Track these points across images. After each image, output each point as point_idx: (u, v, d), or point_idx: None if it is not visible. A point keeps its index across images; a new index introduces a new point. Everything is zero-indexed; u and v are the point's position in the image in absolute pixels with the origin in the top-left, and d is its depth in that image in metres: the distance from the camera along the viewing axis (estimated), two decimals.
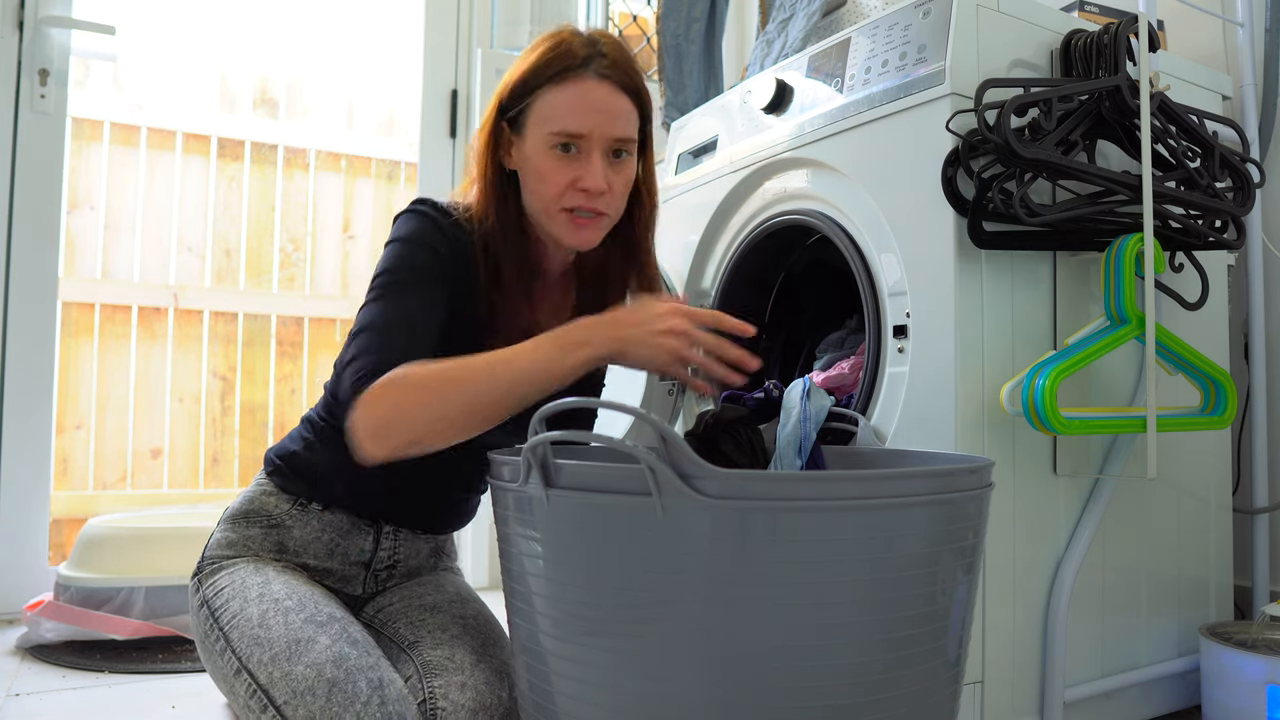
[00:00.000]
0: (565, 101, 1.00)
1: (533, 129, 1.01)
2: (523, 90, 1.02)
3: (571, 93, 1.00)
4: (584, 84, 1.00)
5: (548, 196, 1.02)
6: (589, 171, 1.00)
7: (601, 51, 1.02)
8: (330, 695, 0.86)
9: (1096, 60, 1.17)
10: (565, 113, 0.99)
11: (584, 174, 1.00)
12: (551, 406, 0.74)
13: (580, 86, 1.00)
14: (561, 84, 1.00)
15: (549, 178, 1.01)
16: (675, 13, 2.34)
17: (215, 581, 1.02)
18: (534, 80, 1.01)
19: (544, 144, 1.00)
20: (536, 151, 1.01)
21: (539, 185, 1.02)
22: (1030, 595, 1.17)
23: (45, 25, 1.92)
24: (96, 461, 2.39)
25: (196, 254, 2.54)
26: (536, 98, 1.01)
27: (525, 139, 1.02)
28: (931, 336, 1.14)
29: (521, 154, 1.03)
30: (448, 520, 1.17)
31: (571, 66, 1.00)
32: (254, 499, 1.09)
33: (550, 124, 1.00)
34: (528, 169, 1.03)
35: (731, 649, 0.69)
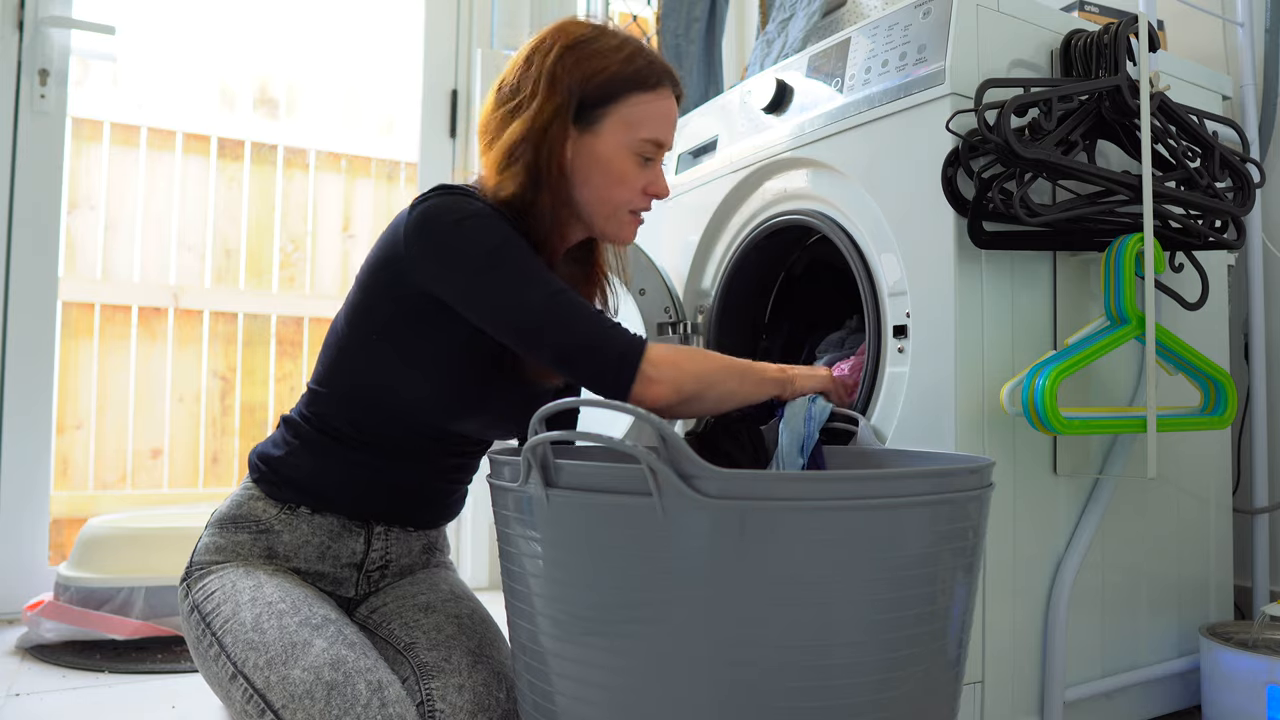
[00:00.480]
0: (659, 111, 1.04)
1: (615, 129, 1.03)
2: (611, 90, 1.02)
3: (663, 104, 1.05)
4: (668, 98, 1.05)
5: (621, 198, 1.05)
6: (660, 179, 1.07)
7: (673, 75, 1.07)
8: (329, 698, 0.85)
9: (1096, 60, 1.17)
10: (659, 123, 1.04)
11: (656, 180, 1.06)
12: (551, 407, 0.74)
13: (667, 100, 1.05)
14: (653, 92, 1.04)
15: (629, 181, 1.04)
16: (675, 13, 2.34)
17: (205, 585, 1.01)
18: (624, 85, 1.02)
19: (630, 148, 1.03)
20: (617, 153, 1.03)
21: (614, 186, 1.04)
22: (1030, 595, 1.17)
23: (45, 25, 1.92)
24: (96, 461, 2.39)
25: (196, 254, 2.54)
26: (623, 102, 1.02)
27: (600, 137, 1.02)
28: (931, 336, 1.14)
29: (592, 151, 1.03)
30: (437, 514, 1.17)
31: (659, 77, 1.04)
32: (241, 504, 1.07)
33: (643, 130, 1.03)
34: (599, 167, 1.03)
35: (731, 649, 0.69)
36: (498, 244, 0.96)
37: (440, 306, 0.99)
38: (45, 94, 1.94)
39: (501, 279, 0.95)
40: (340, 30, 2.65)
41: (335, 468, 1.06)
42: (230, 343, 2.57)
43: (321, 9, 2.63)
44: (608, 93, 1.02)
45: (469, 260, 0.96)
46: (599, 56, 1.02)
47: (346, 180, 2.73)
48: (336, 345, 1.08)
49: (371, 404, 1.06)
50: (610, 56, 1.03)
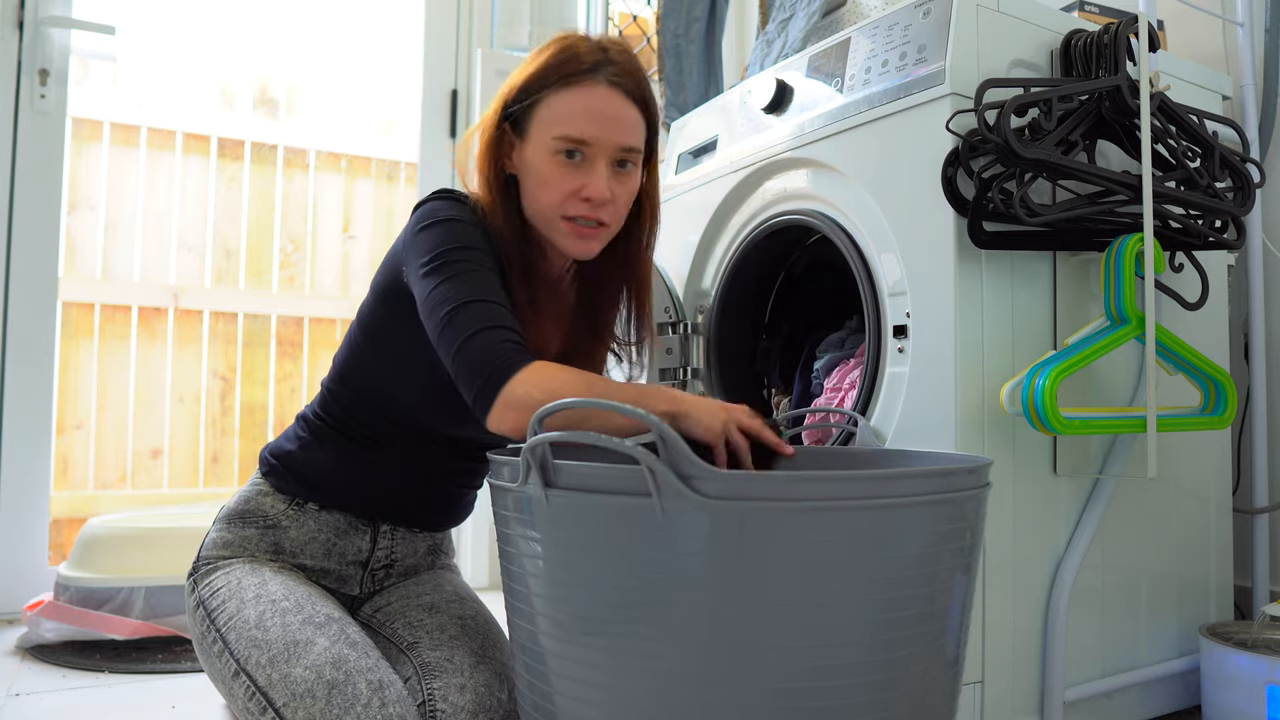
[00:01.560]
0: (572, 106, 0.97)
1: (536, 132, 0.99)
2: (528, 91, 0.99)
3: (579, 97, 0.97)
4: (593, 90, 0.97)
5: (549, 203, 0.99)
6: (593, 180, 0.98)
7: (612, 59, 0.99)
8: (330, 697, 0.86)
9: (1096, 60, 1.17)
10: (572, 118, 0.97)
11: (588, 182, 0.98)
12: (551, 407, 0.74)
13: (589, 92, 0.97)
14: (569, 88, 0.97)
15: (552, 184, 0.98)
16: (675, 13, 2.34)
17: (211, 582, 1.02)
18: (540, 82, 0.98)
19: (548, 149, 0.98)
20: (539, 156, 0.98)
21: (540, 191, 0.99)
22: (1030, 595, 1.17)
23: (45, 25, 1.92)
24: (96, 461, 2.39)
25: (196, 254, 2.54)
26: (542, 100, 0.98)
27: (528, 142, 1.00)
28: (931, 336, 1.14)
29: (523, 158, 1.01)
30: (445, 517, 1.17)
31: (580, 71, 0.97)
32: (249, 499, 1.08)
33: (555, 128, 0.97)
34: (529, 173, 1.00)
35: (731, 649, 0.69)
36: (447, 248, 0.94)
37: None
38: (45, 94, 1.94)
39: (435, 280, 0.93)
40: (340, 30, 2.65)
41: (346, 465, 1.07)
42: (230, 343, 2.57)
43: (321, 9, 2.62)
44: (526, 95, 0.99)
45: (421, 257, 0.95)
46: (528, 63, 1.00)
47: (346, 180, 2.73)
48: (350, 345, 1.09)
49: (378, 405, 1.06)
50: (534, 61, 1.00)
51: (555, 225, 1.00)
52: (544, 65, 0.99)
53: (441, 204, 1.00)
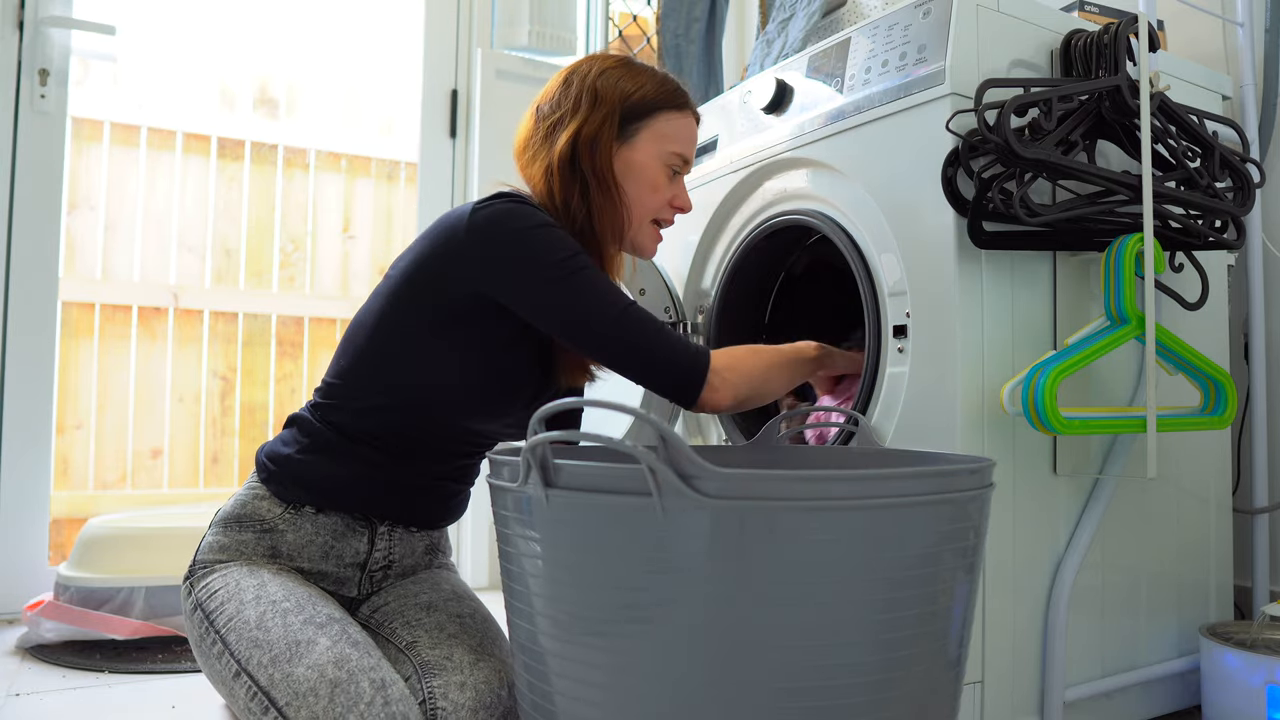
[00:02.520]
0: (686, 130, 1.15)
1: (650, 142, 1.12)
2: (648, 105, 1.12)
3: (689, 124, 1.16)
4: (692, 121, 1.17)
5: (651, 206, 1.14)
6: (683, 194, 1.17)
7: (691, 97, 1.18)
8: (333, 696, 0.86)
9: (1096, 60, 1.17)
10: (686, 140, 1.15)
11: (681, 194, 1.17)
12: (551, 407, 0.74)
13: (690, 123, 1.16)
14: (682, 113, 1.14)
15: (660, 190, 1.13)
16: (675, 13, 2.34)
17: (209, 584, 1.02)
18: (657, 104, 1.12)
19: (660, 160, 1.13)
20: (652, 166, 1.12)
21: (647, 193, 1.13)
22: (1030, 595, 1.17)
23: (45, 25, 1.92)
24: (96, 461, 2.39)
25: (196, 254, 2.54)
26: (660, 116, 1.12)
27: (636, 149, 1.12)
28: (931, 336, 1.14)
29: (627, 160, 1.12)
30: (442, 514, 1.17)
31: (685, 103, 1.16)
32: (246, 503, 1.08)
33: (673, 144, 1.13)
34: (634, 175, 1.12)
35: (731, 649, 0.69)
36: (571, 254, 1.02)
37: (487, 308, 1.03)
38: (45, 94, 1.94)
39: (576, 288, 1.01)
40: (340, 30, 2.65)
41: (345, 466, 1.07)
42: (230, 343, 2.57)
43: (321, 9, 2.62)
44: (645, 108, 1.12)
45: (541, 267, 1.00)
46: (635, 76, 1.13)
47: (346, 180, 2.73)
48: (361, 341, 1.08)
49: (392, 400, 1.06)
50: (646, 77, 1.13)
51: (644, 226, 1.15)
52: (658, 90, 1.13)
53: (525, 207, 1.04)
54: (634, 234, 1.15)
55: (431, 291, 1.04)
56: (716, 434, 1.55)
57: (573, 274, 1.01)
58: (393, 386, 1.06)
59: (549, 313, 1.02)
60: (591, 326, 1.01)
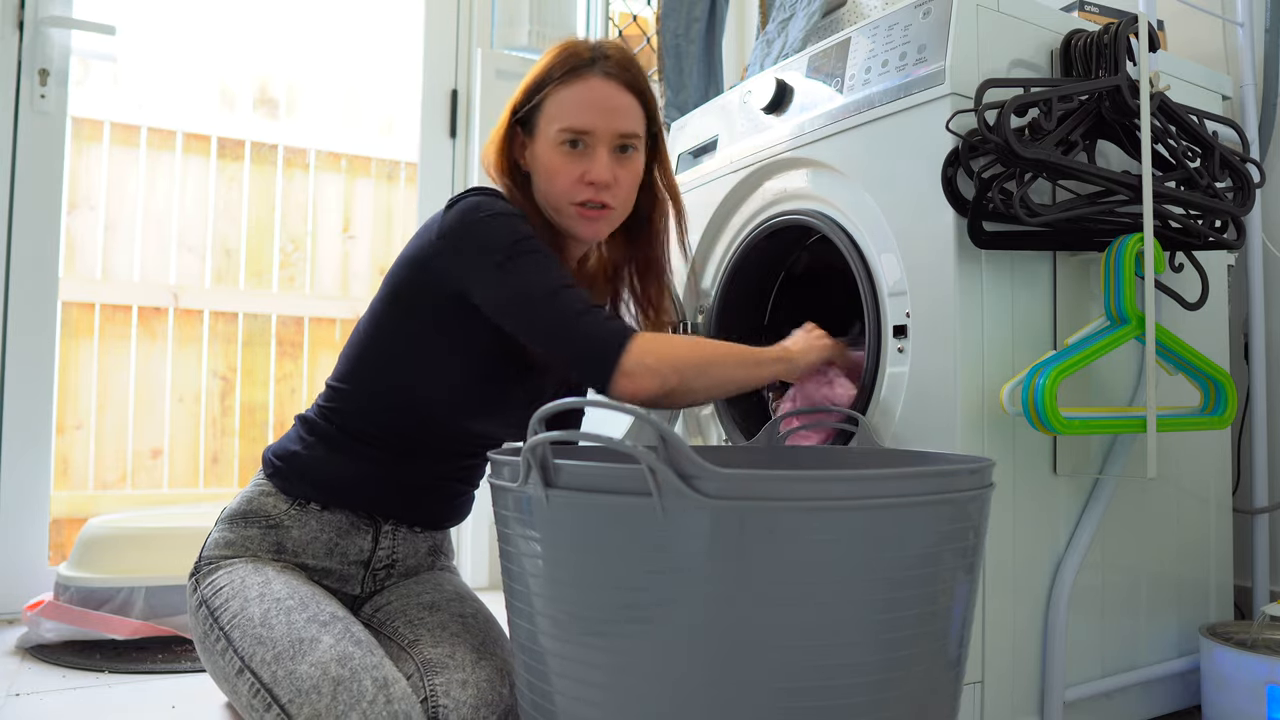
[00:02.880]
0: (572, 99, 1.06)
1: (543, 128, 1.08)
2: (533, 92, 1.09)
3: (578, 90, 1.06)
4: (589, 82, 1.06)
5: (558, 192, 1.07)
6: (595, 164, 1.06)
7: (606, 53, 1.08)
8: (335, 694, 0.86)
9: (1096, 60, 1.17)
10: (572, 110, 1.06)
11: (590, 167, 1.06)
12: (551, 407, 0.74)
13: (586, 84, 1.06)
14: (568, 83, 1.06)
15: (559, 173, 1.07)
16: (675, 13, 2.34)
17: (214, 581, 1.02)
18: (544, 81, 1.08)
19: (553, 141, 1.06)
20: (547, 149, 1.07)
21: (550, 182, 1.08)
22: (1030, 595, 1.17)
23: (45, 25, 1.92)
24: (96, 461, 2.39)
25: (196, 254, 2.54)
26: (546, 98, 1.07)
27: (537, 139, 1.09)
28: (931, 336, 1.14)
29: (534, 153, 1.10)
30: (446, 515, 1.18)
31: (578, 67, 1.07)
32: (252, 499, 1.08)
33: (558, 121, 1.06)
34: (539, 167, 1.09)
35: (731, 649, 0.69)
36: (516, 239, 1.00)
37: (467, 304, 1.02)
38: (45, 94, 1.94)
39: (514, 271, 0.99)
40: (340, 30, 2.65)
41: (350, 464, 1.07)
42: (230, 343, 2.57)
43: (321, 9, 2.62)
44: (531, 95, 1.09)
45: (490, 254, 1.00)
46: (537, 65, 1.10)
47: (346, 180, 2.72)
48: (361, 342, 1.09)
49: (393, 401, 1.07)
50: (538, 64, 1.10)
51: (565, 211, 1.09)
52: (546, 66, 1.08)
53: (487, 199, 1.04)
54: (563, 223, 1.10)
55: (421, 291, 1.05)
56: (716, 434, 1.56)
57: (513, 258, 0.99)
58: (395, 388, 1.06)
59: (495, 298, 1.00)
60: (522, 308, 0.99)
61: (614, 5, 2.63)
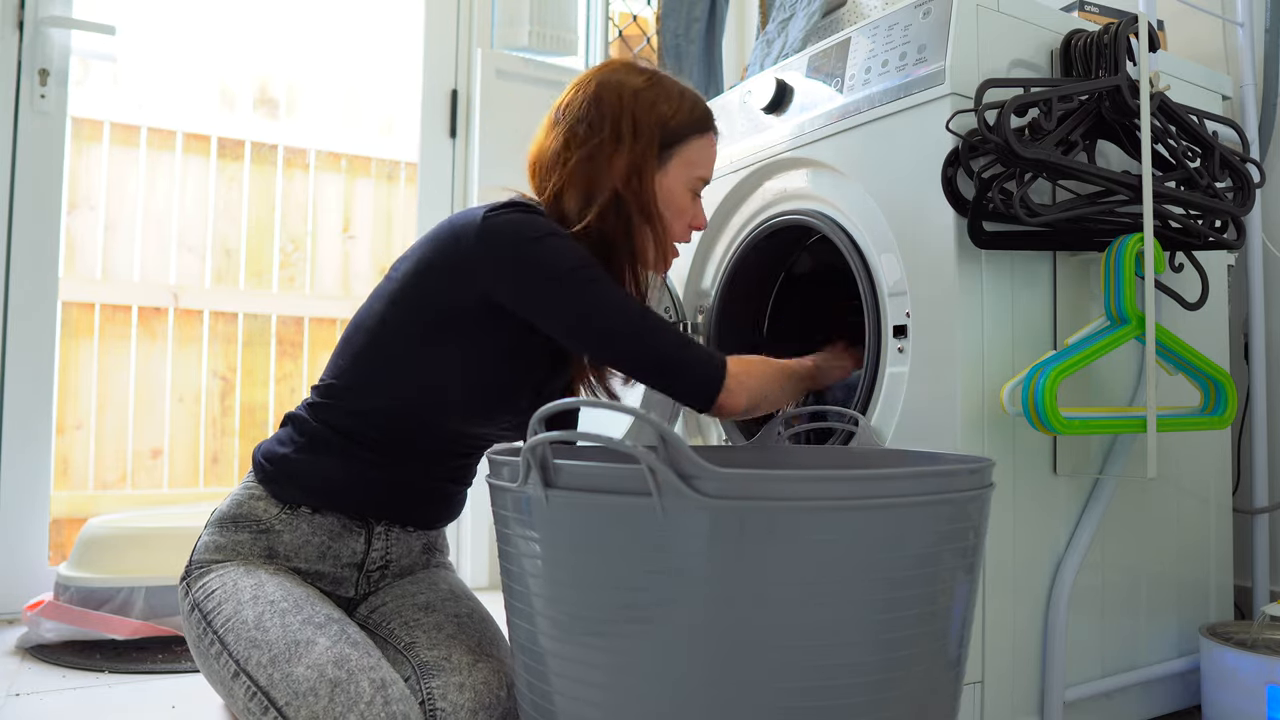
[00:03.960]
0: (710, 153, 1.17)
1: (679, 169, 1.14)
2: (680, 134, 1.13)
3: (713, 146, 1.18)
4: (713, 142, 1.18)
5: (679, 229, 1.16)
6: (702, 213, 1.19)
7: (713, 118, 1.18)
8: (333, 696, 0.86)
9: (1096, 60, 1.17)
10: (709, 163, 1.17)
11: (700, 214, 1.19)
12: (551, 407, 0.74)
13: (712, 144, 1.18)
14: (704, 136, 1.16)
15: (686, 214, 1.16)
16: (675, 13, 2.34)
17: (206, 584, 1.01)
18: (690, 129, 1.14)
19: (686, 185, 1.15)
20: (680, 190, 1.14)
21: (676, 218, 1.15)
22: (1030, 595, 1.17)
23: (45, 25, 1.92)
24: (96, 461, 2.39)
25: (196, 254, 2.54)
26: (688, 144, 1.14)
27: (667, 175, 1.13)
28: (931, 336, 1.14)
29: (660, 186, 1.13)
30: (439, 514, 1.17)
31: (711, 126, 1.17)
32: (242, 503, 1.07)
33: (698, 169, 1.15)
34: (665, 201, 1.14)
35: (731, 649, 0.69)
36: (583, 262, 1.04)
37: (495, 313, 1.03)
38: (45, 94, 1.94)
39: (593, 295, 1.03)
40: (340, 30, 2.65)
41: (342, 466, 1.07)
42: (230, 343, 2.57)
43: (321, 9, 2.62)
44: (678, 135, 1.13)
45: (555, 274, 1.02)
46: (669, 100, 1.14)
47: (346, 180, 2.73)
48: (369, 342, 1.08)
49: (390, 402, 1.06)
50: (678, 103, 1.14)
51: (667, 246, 1.17)
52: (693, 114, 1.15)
53: (539, 219, 1.05)
54: (659, 256, 1.16)
55: (437, 295, 1.04)
56: (716, 434, 1.55)
57: (589, 283, 1.03)
58: (394, 388, 1.06)
59: (566, 322, 1.03)
60: (613, 335, 1.03)
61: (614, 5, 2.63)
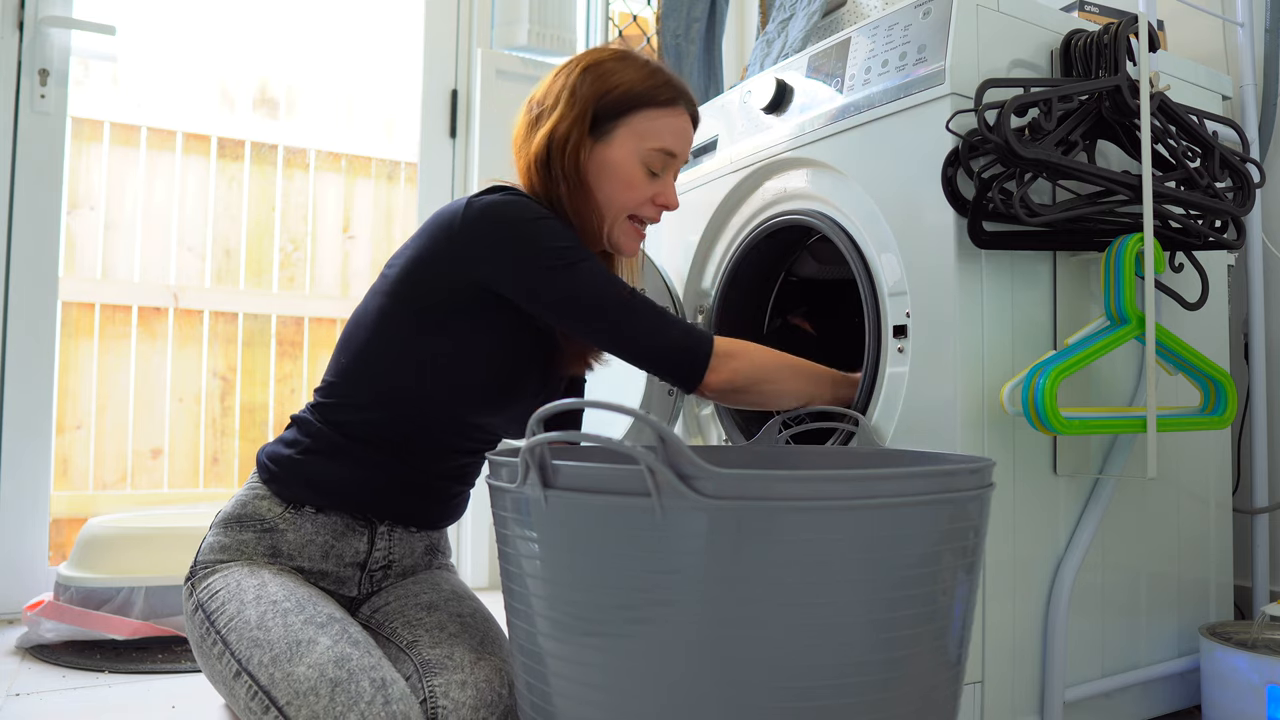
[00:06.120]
0: (670, 126, 1.12)
1: (627, 141, 1.10)
2: (626, 102, 1.10)
3: (676, 120, 1.13)
4: (681, 116, 1.14)
5: (627, 203, 1.11)
6: (669, 191, 1.14)
7: (688, 95, 1.15)
8: (333, 695, 0.86)
9: (1096, 60, 1.17)
10: (671, 136, 1.12)
11: (664, 191, 1.14)
12: (550, 407, 0.74)
13: (678, 117, 1.13)
14: (666, 109, 1.12)
15: (636, 187, 1.11)
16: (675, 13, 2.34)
17: (209, 585, 1.02)
18: (637, 100, 1.10)
19: (638, 157, 1.10)
20: (628, 163, 1.10)
21: (622, 191, 1.11)
22: (1030, 595, 1.17)
23: (45, 25, 1.92)
24: (96, 461, 2.39)
25: (196, 254, 2.54)
26: (635, 115, 1.10)
27: (612, 146, 1.10)
28: (931, 336, 1.14)
29: (604, 161, 1.10)
30: (442, 514, 1.18)
31: (675, 98, 1.13)
32: (246, 503, 1.08)
33: (650, 141, 1.11)
34: (611, 175, 1.10)
35: (730, 649, 0.69)
36: (570, 244, 1.04)
37: (487, 300, 1.04)
38: (45, 94, 1.94)
39: (580, 275, 1.03)
40: (340, 30, 2.65)
41: (345, 465, 1.07)
42: (230, 343, 2.57)
43: (321, 9, 2.62)
44: (623, 105, 1.10)
45: (545, 256, 1.02)
46: (617, 74, 1.11)
47: (346, 180, 2.73)
48: (368, 338, 1.08)
49: (399, 396, 1.06)
50: (627, 74, 1.11)
51: (621, 223, 1.13)
52: (638, 85, 1.11)
53: (522, 200, 1.06)
54: (609, 232, 1.13)
55: (431, 286, 1.05)
56: (716, 434, 1.55)
57: (575, 263, 1.03)
58: (395, 382, 1.06)
59: (553, 301, 1.03)
60: (599, 313, 1.03)
61: (614, 5, 2.63)
